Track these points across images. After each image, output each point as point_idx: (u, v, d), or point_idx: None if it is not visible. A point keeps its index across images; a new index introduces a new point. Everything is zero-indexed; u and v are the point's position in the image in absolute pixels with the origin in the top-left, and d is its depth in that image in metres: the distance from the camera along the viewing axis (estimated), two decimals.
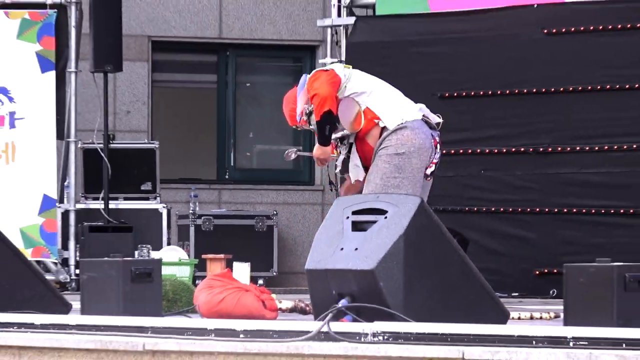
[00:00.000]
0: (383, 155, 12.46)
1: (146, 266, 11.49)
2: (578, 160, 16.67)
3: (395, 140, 12.44)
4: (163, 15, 20.98)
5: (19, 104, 17.64)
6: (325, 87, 12.33)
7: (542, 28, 16.82)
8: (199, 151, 21.83)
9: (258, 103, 22.37)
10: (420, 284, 9.37)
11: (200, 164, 21.71)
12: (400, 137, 12.44)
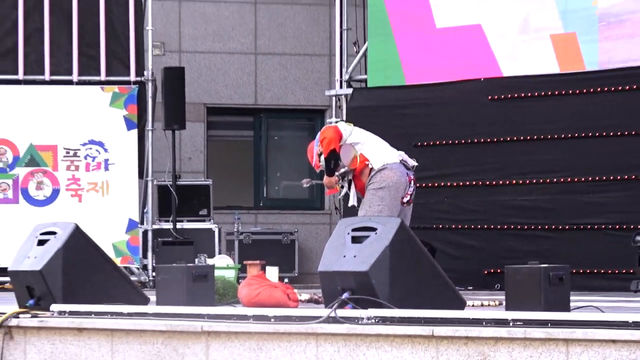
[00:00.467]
0: (370, 189, 13.19)
1: (203, 270, 11.62)
2: (514, 190, 16.68)
3: (378, 177, 13.12)
4: (215, 89, 21.02)
5: (111, 153, 17.63)
6: (331, 134, 13.03)
7: (487, 95, 16.84)
8: (241, 186, 21.80)
9: (283, 151, 22.37)
10: (401, 281, 9.48)
11: (242, 195, 21.67)
12: (382, 176, 13.14)
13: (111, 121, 17.74)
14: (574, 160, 16.45)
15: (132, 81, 17.89)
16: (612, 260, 15.76)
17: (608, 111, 16.31)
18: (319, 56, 20.82)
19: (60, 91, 17.85)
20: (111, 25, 18.02)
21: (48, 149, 17.71)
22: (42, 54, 17.87)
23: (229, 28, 21.56)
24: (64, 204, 17.55)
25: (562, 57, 16.70)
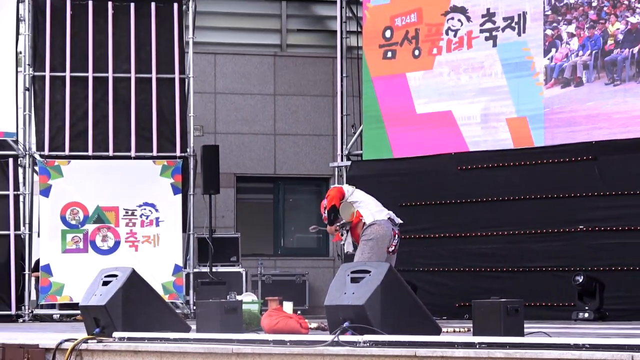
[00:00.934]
0: (362, 240, 13.19)
1: (233, 304, 11.55)
2: (478, 241, 16.63)
3: (369, 231, 13.14)
4: (242, 162, 21.03)
5: (161, 212, 17.61)
6: (334, 193, 13.27)
7: (457, 166, 16.79)
8: (263, 238, 21.72)
9: (296, 210, 22.30)
10: (390, 312, 9.40)
11: (264, 245, 21.57)
12: (372, 229, 13.17)
13: (161, 188, 17.70)
14: (525, 217, 16.38)
15: (178, 156, 17.87)
16: (557, 295, 15.69)
17: (551, 178, 16.25)
18: (324, 136, 20.79)
19: (121, 164, 17.83)
20: (161, 112, 18.01)
21: (111, 209, 17.67)
22: (107, 135, 17.85)
23: (254, 115, 21.54)
24: (124, 253, 17.49)
25: (516, 136, 16.65)
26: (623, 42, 16.09)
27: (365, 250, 13.17)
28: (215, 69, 21.37)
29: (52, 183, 17.63)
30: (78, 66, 17.94)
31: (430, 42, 17.56)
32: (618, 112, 15.99)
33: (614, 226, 15.64)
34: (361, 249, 13.23)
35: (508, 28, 16.88)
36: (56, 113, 17.86)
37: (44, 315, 17.50)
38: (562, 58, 16.56)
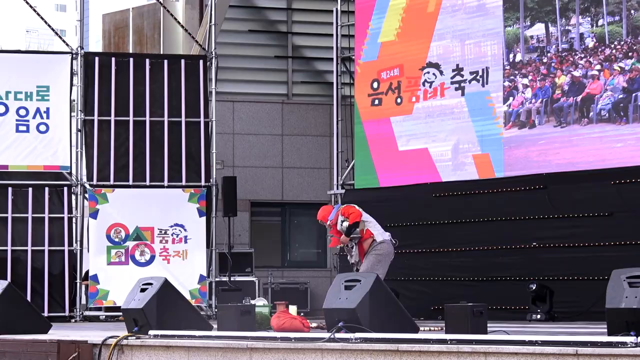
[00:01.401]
0: (373, 253, 13.39)
1: (247, 308, 11.58)
2: (451, 255, 16.63)
3: (379, 247, 13.37)
4: (255, 190, 21.07)
5: (189, 232, 17.56)
6: (358, 211, 13.38)
7: (432, 194, 16.78)
8: (273, 253, 21.67)
9: (300, 230, 22.29)
10: (377, 314, 9.38)
11: (273, 258, 21.54)
12: (382, 246, 13.40)
13: (189, 211, 17.65)
14: (488, 236, 16.35)
15: (202, 185, 17.83)
16: (514, 300, 15.63)
17: (510, 203, 16.24)
18: (323, 169, 20.78)
19: (156, 192, 17.81)
20: (189, 149, 18.00)
21: (148, 229, 17.62)
22: (144, 168, 17.83)
23: (265, 151, 21.56)
24: (158, 265, 17.44)
25: (480, 169, 16.62)
26: (568, 92, 16.09)
27: (374, 263, 13.25)
28: (233, 113, 21.38)
29: (100, 207, 17.60)
30: (121, 111, 17.94)
31: (410, 91, 17.56)
32: (564, 149, 15.98)
33: (561, 243, 15.61)
34: (371, 262, 13.27)
35: (474, 80, 16.89)
36: (103, 150, 17.86)
37: (92, 316, 17.45)
38: (518, 105, 16.55)
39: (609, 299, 8.14)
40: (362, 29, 18.25)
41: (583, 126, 15.90)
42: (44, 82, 17.83)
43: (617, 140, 15.49)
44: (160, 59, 18.68)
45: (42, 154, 17.70)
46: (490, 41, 16.75)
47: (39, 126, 17.72)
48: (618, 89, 15.60)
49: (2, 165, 17.58)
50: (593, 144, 15.74)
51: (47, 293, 17.34)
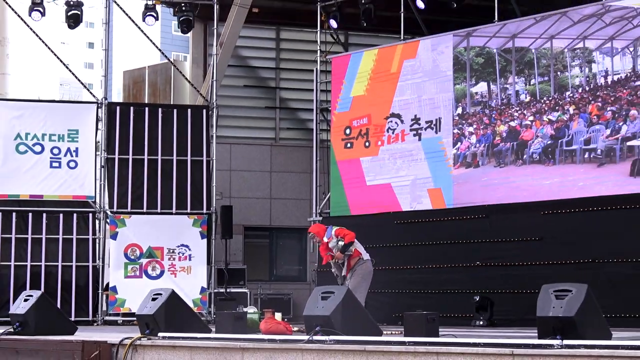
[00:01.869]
0: (359, 272, 12.97)
1: (240, 315, 11.52)
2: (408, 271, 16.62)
3: (364, 266, 13.00)
4: (248, 217, 21.02)
5: (193, 251, 17.57)
6: (352, 233, 12.94)
7: (394, 221, 16.76)
8: (262, 268, 21.53)
9: (284, 250, 22.21)
10: (348, 320, 9.33)
11: (262, 273, 21.42)
12: (367, 265, 13.05)
13: (193, 234, 17.60)
14: (440, 256, 16.37)
15: (204, 213, 17.81)
16: (461, 309, 15.60)
17: (458, 229, 16.25)
18: (304, 200, 20.76)
19: (166, 218, 17.79)
20: (194, 183, 17.98)
21: (158, 249, 17.55)
22: (156, 198, 17.82)
23: (257, 185, 21.54)
24: (167, 278, 17.36)
25: (434, 201, 16.66)
26: (506, 138, 16.16)
27: (361, 280, 12.97)
28: (230, 154, 21.34)
29: (119, 230, 17.55)
30: (137, 151, 17.91)
31: (376, 137, 17.58)
32: (503, 185, 16.04)
33: (500, 262, 15.64)
34: (359, 278, 12.98)
35: (429, 128, 16.93)
36: (122, 183, 17.81)
37: (111, 321, 17.34)
38: (465, 148, 16.60)
39: (539, 308, 8.14)
40: (337, 85, 18.30)
41: (518, 166, 15.97)
42: (74, 126, 17.82)
43: (546, 178, 15.57)
44: (171, 109, 18.70)
45: (71, 185, 17.67)
46: (442, 96, 16.81)
47: (69, 163, 17.70)
48: (547, 136, 15.68)
49: (38, 195, 17.54)
50: (526, 181, 15.81)
51: (74, 301, 17.26)
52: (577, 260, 14.64)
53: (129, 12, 18.37)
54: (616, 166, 14.86)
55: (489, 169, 16.29)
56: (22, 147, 17.61)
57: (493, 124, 16.35)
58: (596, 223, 14.70)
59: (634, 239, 14.24)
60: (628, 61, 14.94)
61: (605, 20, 15.25)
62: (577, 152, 15.28)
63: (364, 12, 18.19)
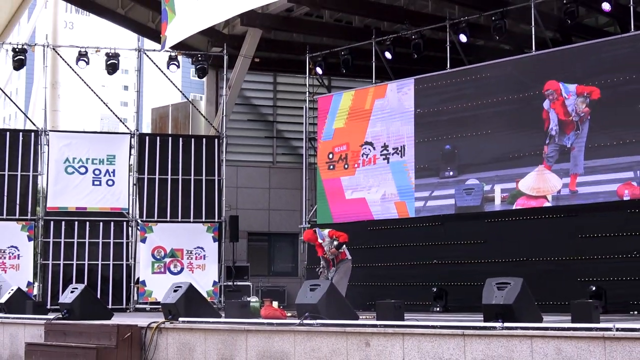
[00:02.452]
0: (343, 269, 12.76)
1: (245, 303, 11.42)
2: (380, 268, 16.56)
3: (348, 264, 12.80)
4: (251, 224, 20.98)
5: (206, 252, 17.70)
6: (345, 234, 12.65)
7: (368, 228, 16.67)
8: (262, 265, 21.46)
9: (280, 251, 22.17)
10: (331, 307, 9.25)
11: (262, 269, 21.35)
12: (349, 264, 12.80)
13: (206, 238, 17.63)
14: (405, 256, 16.30)
15: (216, 221, 17.83)
16: (422, 297, 15.52)
17: (419, 234, 16.21)
18: (296, 211, 20.60)
19: (185, 225, 17.80)
20: (208, 197, 18.03)
21: (179, 250, 17.54)
22: (177, 209, 17.87)
23: (258, 199, 21.55)
24: (186, 274, 17.32)
25: (399, 211, 16.61)
26: None
27: (343, 275, 12.78)
28: (237, 174, 21.28)
29: (147, 235, 17.50)
30: (162, 172, 17.90)
31: (354, 160, 17.56)
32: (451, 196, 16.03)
33: (453, 260, 15.60)
34: (340, 275, 12.79)
35: (395, 153, 16.91)
36: (150, 197, 17.79)
37: (140, 308, 17.26)
38: None
39: (484, 297, 8.09)
40: (322, 119, 18.29)
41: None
42: (112, 152, 17.83)
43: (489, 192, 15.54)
44: (189, 138, 18.68)
45: (109, 200, 17.68)
46: (406, 127, 16.81)
47: (107, 181, 17.71)
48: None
49: (83, 207, 17.58)
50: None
51: (111, 292, 17.23)
52: (514, 259, 14.63)
53: (156, 61, 18.40)
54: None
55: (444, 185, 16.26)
56: (70, 169, 17.59)
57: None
58: (529, 229, 14.69)
59: (556, 242, 14.26)
60: None
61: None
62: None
63: (343, 61, 18.42)
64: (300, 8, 19.36)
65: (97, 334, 10.57)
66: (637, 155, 13.54)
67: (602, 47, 14.42)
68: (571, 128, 14.38)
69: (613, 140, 13.86)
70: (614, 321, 7.16)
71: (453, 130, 16.06)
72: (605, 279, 13.28)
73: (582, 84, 14.20)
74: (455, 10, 18.66)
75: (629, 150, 13.60)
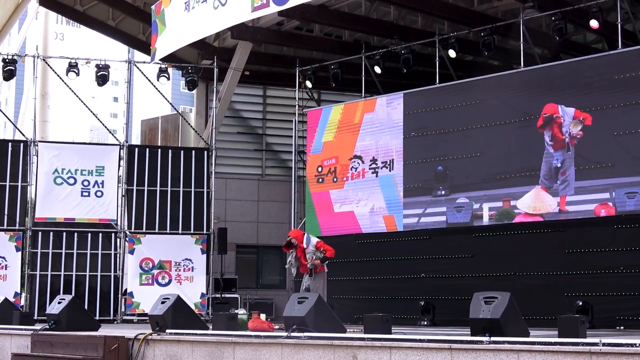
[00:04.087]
0: (319, 278, 12.74)
1: (232, 315, 11.32)
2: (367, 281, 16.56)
3: (325, 277, 12.80)
4: (239, 236, 20.93)
5: (195, 264, 17.51)
6: (333, 251, 12.59)
7: (356, 241, 16.68)
8: (250, 278, 21.39)
9: (268, 263, 22.02)
10: (319, 320, 9.23)
11: (250, 281, 21.28)
12: (325, 277, 12.78)
13: (195, 250, 17.51)
14: (392, 269, 16.34)
15: (204, 233, 17.72)
16: (409, 312, 15.55)
17: (407, 247, 16.25)
18: (285, 223, 20.47)
19: (173, 237, 17.67)
20: (196, 209, 17.92)
21: (167, 261, 17.43)
22: (166, 220, 17.73)
23: (246, 211, 21.50)
24: (173, 286, 17.22)
25: (387, 225, 16.65)
26: None
27: (321, 285, 12.84)
28: (226, 186, 21.24)
29: (135, 247, 17.41)
30: (151, 184, 17.81)
31: (342, 174, 17.60)
32: (443, 215, 16.05)
33: (440, 274, 15.65)
34: (319, 284, 12.82)
35: (384, 167, 16.96)
36: (138, 209, 17.70)
37: (128, 320, 17.15)
38: None
39: (472, 311, 8.10)
40: (311, 132, 18.33)
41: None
42: (101, 163, 17.75)
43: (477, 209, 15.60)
44: (178, 150, 18.61)
45: (98, 211, 17.57)
46: (395, 142, 16.86)
47: (96, 192, 17.61)
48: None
49: (71, 218, 17.45)
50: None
51: (98, 303, 17.11)
52: (501, 273, 14.67)
53: (146, 73, 18.39)
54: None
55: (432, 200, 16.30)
56: (59, 179, 17.51)
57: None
58: (516, 244, 14.74)
59: (544, 257, 14.31)
60: None
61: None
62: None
63: (333, 75, 18.49)
64: (290, 22, 19.41)
65: (84, 345, 10.51)
66: (613, 178, 13.72)
67: (591, 64, 14.52)
68: (562, 148, 14.39)
69: (591, 164, 14.01)
70: (600, 336, 7.17)
71: (443, 148, 16.08)
72: (592, 294, 13.34)
73: (579, 109, 14.25)
74: (445, 25, 18.77)
75: (607, 173, 13.80)
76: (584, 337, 7.41)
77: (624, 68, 13.89)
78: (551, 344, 7.00)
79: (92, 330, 11.53)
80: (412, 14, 18.99)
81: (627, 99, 13.76)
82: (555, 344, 7.00)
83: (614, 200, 13.69)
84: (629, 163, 13.58)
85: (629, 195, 13.52)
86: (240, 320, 11.95)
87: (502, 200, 15.08)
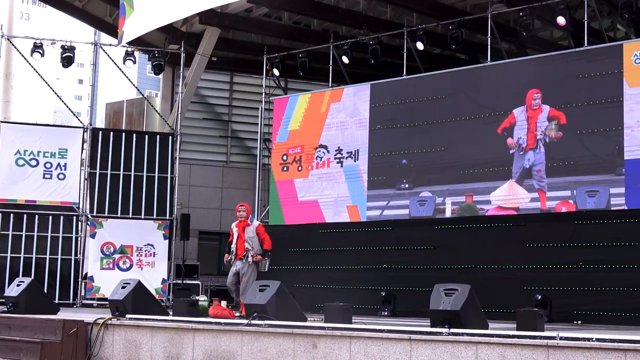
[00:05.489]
0: (254, 267, 12.75)
1: (193, 302, 11.31)
2: (328, 270, 16.52)
3: (258, 266, 12.65)
4: (202, 223, 20.87)
5: (156, 249, 17.45)
6: (270, 243, 12.69)
7: (319, 230, 16.63)
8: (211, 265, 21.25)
9: None
10: (280, 308, 9.24)
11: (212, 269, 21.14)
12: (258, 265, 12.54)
13: (157, 235, 17.42)
14: (354, 259, 16.30)
15: (167, 218, 17.64)
16: (370, 302, 15.55)
17: (370, 238, 16.23)
18: None
19: (135, 222, 17.52)
20: (160, 194, 17.83)
21: (129, 246, 17.31)
22: (128, 205, 17.62)
23: (210, 198, 21.41)
24: (134, 271, 17.13)
25: (351, 215, 16.73)
26: None
27: (254, 274, 12.82)
28: (190, 173, 21.14)
29: (97, 231, 17.26)
30: (114, 167, 17.67)
31: (307, 163, 17.55)
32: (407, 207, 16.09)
33: (402, 265, 15.67)
34: (253, 273, 12.84)
35: (349, 157, 16.95)
36: (101, 192, 17.56)
37: (88, 304, 17.02)
38: None
39: (432, 303, 8.15)
40: (277, 120, 18.25)
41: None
42: (64, 145, 17.59)
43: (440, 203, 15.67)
44: (143, 135, 18.46)
45: (60, 193, 17.42)
46: (360, 132, 16.86)
47: (59, 175, 17.45)
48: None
49: (32, 200, 17.28)
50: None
51: (58, 287, 16.98)
52: (462, 266, 14.75)
53: (112, 56, 18.19)
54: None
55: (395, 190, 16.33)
56: (21, 161, 17.32)
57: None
58: (477, 237, 14.82)
59: (504, 251, 14.40)
60: None
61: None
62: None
63: (301, 64, 18.42)
64: (259, 9, 19.30)
65: (42, 328, 10.41)
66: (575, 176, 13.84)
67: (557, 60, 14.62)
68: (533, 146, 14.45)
69: (554, 162, 14.12)
70: (558, 330, 7.25)
71: (408, 141, 16.07)
72: (551, 289, 13.47)
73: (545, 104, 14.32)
74: (414, 17, 18.78)
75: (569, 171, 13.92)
76: (542, 331, 7.49)
77: (589, 66, 13.99)
78: (509, 337, 7.07)
79: (51, 313, 11.43)
80: (381, 4, 18.97)
81: (592, 98, 13.86)
82: (514, 336, 7.06)
83: (575, 199, 13.82)
84: (591, 161, 13.70)
85: (590, 194, 13.66)
86: (201, 307, 11.93)
87: (465, 195, 15.15)
